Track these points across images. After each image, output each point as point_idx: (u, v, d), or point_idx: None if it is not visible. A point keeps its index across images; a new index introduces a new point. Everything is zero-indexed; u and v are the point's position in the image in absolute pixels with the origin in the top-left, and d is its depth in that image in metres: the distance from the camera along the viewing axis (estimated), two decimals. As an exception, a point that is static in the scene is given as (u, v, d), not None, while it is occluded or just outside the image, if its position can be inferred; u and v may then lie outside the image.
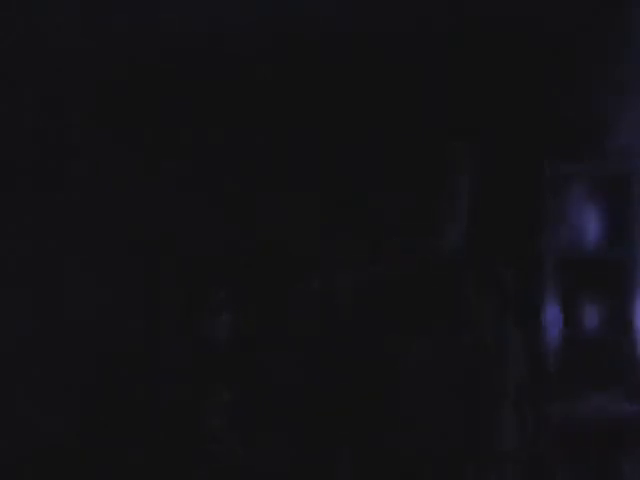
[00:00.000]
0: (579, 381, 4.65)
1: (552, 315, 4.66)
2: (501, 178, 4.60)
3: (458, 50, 4.76)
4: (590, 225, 4.76)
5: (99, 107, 4.88)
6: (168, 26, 4.75)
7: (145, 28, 4.74)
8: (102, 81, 4.85)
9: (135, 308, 4.81)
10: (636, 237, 4.66)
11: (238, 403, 4.51)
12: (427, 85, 4.75)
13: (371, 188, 4.64)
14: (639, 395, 4.58)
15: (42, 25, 4.76)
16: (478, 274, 3.41)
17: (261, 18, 4.77)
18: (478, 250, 3.48)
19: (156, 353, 4.74)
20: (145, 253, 4.86)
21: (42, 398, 4.72)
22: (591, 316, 4.70)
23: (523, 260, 4.59)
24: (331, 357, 3.54)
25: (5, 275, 4.76)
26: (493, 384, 3.17)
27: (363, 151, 4.74)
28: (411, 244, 3.36)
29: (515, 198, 4.72)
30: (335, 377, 3.50)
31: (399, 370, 3.27)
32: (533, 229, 4.73)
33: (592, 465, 4.49)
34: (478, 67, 4.76)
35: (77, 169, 4.89)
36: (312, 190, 4.83)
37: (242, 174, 4.88)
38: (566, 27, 4.76)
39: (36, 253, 4.82)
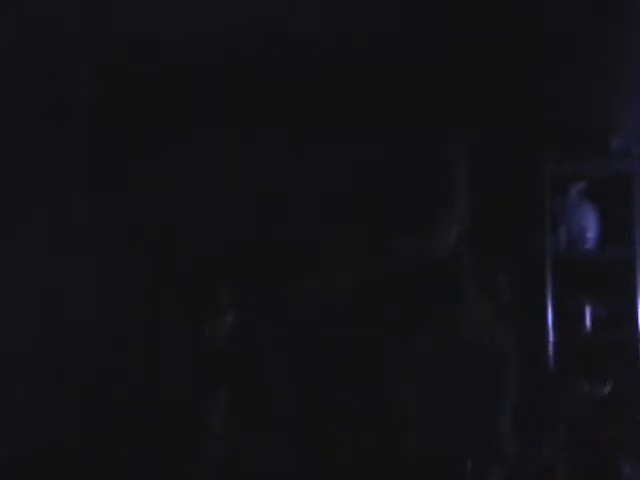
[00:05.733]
0: (578, 381, 4.65)
1: (551, 315, 4.66)
2: (501, 178, 4.60)
3: (458, 50, 4.76)
4: (590, 225, 4.76)
5: (99, 105, 4.89)
6: (168, 26, 4.76)
7: (144, 28, 4.74)
8: (102, 81, 4.86)
9: (137, 308, 4.82)
10: (636, 237, 4.66)
11: (238, 403, 4.51)
12: (426, 85, 4.75)
13: (371, 188, 4.64)
14: (639, 394, 4.58)
15: (42, 25, 4.77)
16: (477, 274, 3.41)
17: (261, 18, 4.78)
18: (477, 250, 3.48)
19: (157, 353, 4.74)
20: (147, 253, 4.86)
21: (42, 398, 4.73)
22: (591, 316, 4.70)
23: (523, 260, 4.60)
24: (331, 357, 3.54)
25: (6, 275, 4.76)
26: (492, 384, 3.17)
27: (363, 151, 4.74)
28: (410, 244, 3.36)
29: (515, 198, 4.72)
30: (335, 377, 3.50)
31: (398, 370, 3.27)
32: (533, 229, 4.73)
33: (592, 465, 4.50)
34: (477, 67, 4.76)
35: (78, 168, 4.89)
36: (313, 190, 4.83)
37: (243, 174, 4.88)
38: (566, 27, 4.76)
39: (37, 253, 4.82)
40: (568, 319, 4.69)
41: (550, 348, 4.62)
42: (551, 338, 4.63)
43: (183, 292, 4.76)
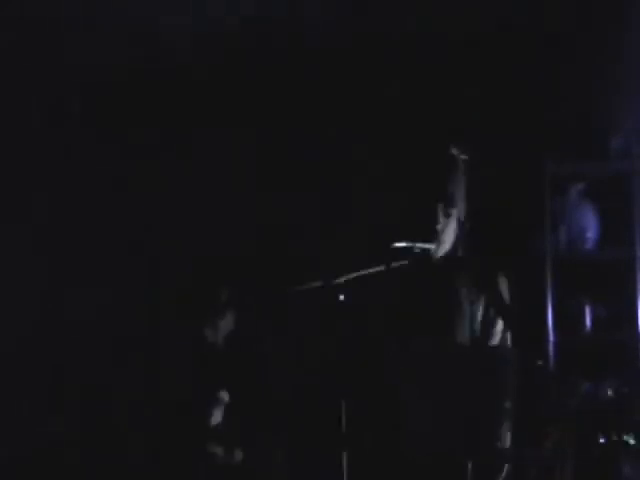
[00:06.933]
0: (579, 381, 4.64)
1: (551, 315, 4.66)
2: (501, 178, 4.60)
3: (458, 51, 4.76)
4: (590, 225, 4.75)
5: (101, 106, 4.89)
6: (166, 26, 4.76)
7: (143, 28, 4.74)
8: (102, 82, 4.86)
9: (137, 309, 4.81)
10: (636, 237, 4.66)
11: (238, 403, 4.51)
12: (427, 87, 4.75)
13: (371, 189, 4.64)
14: (639, 394, 4.57)
15: (42, 25, 4.77)
16: (477, 274, 3.42)
17: (261, 18, 4.78)
18: (478, 250, 3.49)
19: (157, 353, 4.74)
20: (148, 253, 4.86)
21: (42, 398, 4.72)
22: (591, 316, 4.70)
23: (523, 260, 4.59)
24: (331, 357, 3.54)
25: (6, 275, 4.76)
26: (492, 384, 3.17)
27: (363, 153, 4.74)
28: (411, 245, 3.36)
29: (515, 198, 4.71)
30: (335, 377, 3.50)
31: (398, 370, 3.27)
32: (533, 229, 4.73)
33: (592, 465, 4.49)
34: (478, 68, 4.76)
35: (78, 168, 4.89)
36: (313, 190, 4.83)
37: (243, 174, 4.88)
38: (566, 27, 4.76)
39: (37, 252, 4.82)
40: (568, 319, 4.69)
41: (550, 348, 4.61)
42: (551, 338, 4.62)
43: (183, 292, 4.76)
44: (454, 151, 3.48)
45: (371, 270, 3.37)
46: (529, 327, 4.48)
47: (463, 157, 3.49)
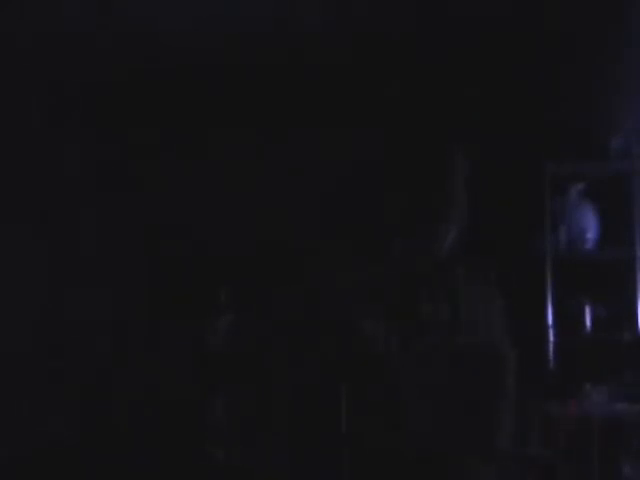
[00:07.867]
0: (578, 381, 4.65)
1: (551, 315, 4.66)
2: (501, 178, 4.60)
3: (458, 51, 4.76)
4: (590, 225, 4.75)
5: (101, 106, 4.89)
6: (166, 26, 4.76)
7: (144, 28, 4.74)
8: (102, 82, 4.86)
9: (137, 308, 4.82)
10: (636, 237, 4.66)
11: (238, 403, 4.51)
12: (427, 85, 4.75)
13: (371, 189, 4.64)
14: (639, 394, 4.58)
15: (42, 24, 4.77)
16: (476, 274, 3.42)
17: (261, 17, 4.78)
18: (477, 250, 3.49)
19: (157, 353, 4.74)
20: (148, 253, 4.86)
21: (42, 398, 4.73)
22: (591, 316, 4.70)
23: (523, 260, 4.60)
24: (331, 357, 3.54)
25: (6, 275, 4.76)
26: (491, 384, 3.17)
27: (362, 151, 4.74)
28: (410, 245, 3.36)
29: (515, 198, 4.72)
30: (335, 377, 3.50)
31: (398, 370, 3.28)
32: (533, 229, 4.73)
33: (592, 465, 4.49)
34: (477, 67, 4.76)
35: (78, 168, 4.89)
36: (313, 190, 4.83)
37: (243, 174, 4.88)
38: (566, 27, 4.76)
39: (37, 252, 4.82)
40: (568, 319, 4.69)
41: (550, 348, 4.62)
42: (551, 338, 4.62)
43: (183, 292, 4.76)
44: (456, 151, 3.47)
45: (371, 270, 3.37)
46: (529, 327, 4.48)
47: (464, 157, 3.49)
